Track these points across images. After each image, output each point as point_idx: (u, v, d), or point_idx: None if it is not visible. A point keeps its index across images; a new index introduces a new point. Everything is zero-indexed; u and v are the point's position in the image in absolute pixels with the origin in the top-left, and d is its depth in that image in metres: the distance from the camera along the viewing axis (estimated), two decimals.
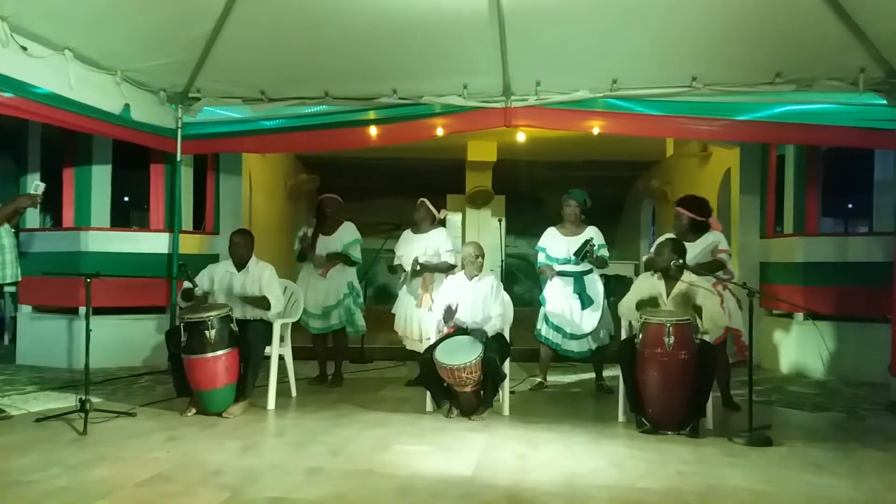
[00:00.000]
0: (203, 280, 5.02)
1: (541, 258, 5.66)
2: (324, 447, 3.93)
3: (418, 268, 5.54)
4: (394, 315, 5.87)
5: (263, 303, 4.97)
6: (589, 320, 5.46)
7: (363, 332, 6.07)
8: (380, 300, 10.84)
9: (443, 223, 6.05)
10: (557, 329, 5.51)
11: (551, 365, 5.88)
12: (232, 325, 4.69)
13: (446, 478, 3.43)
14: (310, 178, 10.77)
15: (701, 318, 4.38)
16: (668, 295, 4.54)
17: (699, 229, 5.04)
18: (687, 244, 4.89)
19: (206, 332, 4.51)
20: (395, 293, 6.01)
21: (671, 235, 4.94)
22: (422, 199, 5.81)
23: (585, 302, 5.45)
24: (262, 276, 5.05)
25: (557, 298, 5.52)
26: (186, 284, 4.87)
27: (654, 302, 4.53)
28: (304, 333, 5.88)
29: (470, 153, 10.41)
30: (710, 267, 4.85)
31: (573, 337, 5.48)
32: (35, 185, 4.76)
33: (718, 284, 4.76)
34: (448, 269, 5.60)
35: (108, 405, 4.72)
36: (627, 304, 4.66)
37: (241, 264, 5.09)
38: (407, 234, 5.85)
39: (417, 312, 5.62)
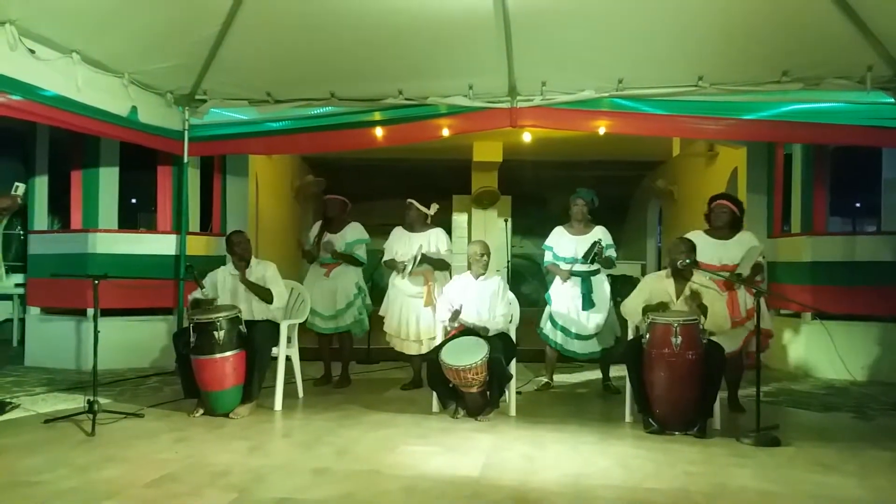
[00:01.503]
0: (207, 291, 5.03)
1: (548, 257, 5.65)
2: (330, 448, 3.94)
3: (420, 257, 5.46)
4: (382, 317, 5.78)
5: (267, 294, 4.99)
6: (594, 321, 5.45)
7: (366, 331, 6.08)
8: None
9: (447, 225, 6.00)
10: (562, 329, 5.50)
11: (557, 365, 5.87)
12: (240, 326, 4.71)
13: (453, 478, 3.43)
14: (316, 181, 10.78)
15: (705, 317, 4.36)
16: (677, 296, 4.53)
17: (735, 226, 5.00)
18: (722, 241, 4.92)
19: (215, 332, 4.53)
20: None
21: (701, 231, 4.98)
22: (409, 200, 5.72)
23: (586, 304, 5.43)
24: (265, 274, 5.08)
25: (563, 298, 5.51)
26: (194, 294, 4.89)
27: (664, 307, 4.51)
28: (309, 334, 5.89)
29: (476, 153, 10.42)
30: (755, 271, 4.80)
31: (578, 337, 5.47)
32: (15, 185, 4.71)
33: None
34: (445, 266, 5.59)
35: (115, 406, 4.75)
36: (633, 306, 4.64)
37: (243, 265, 5.10)
38: (399, 231, 5.76)
39: (415, 311, 5.55)
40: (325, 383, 5.87)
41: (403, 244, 5.64)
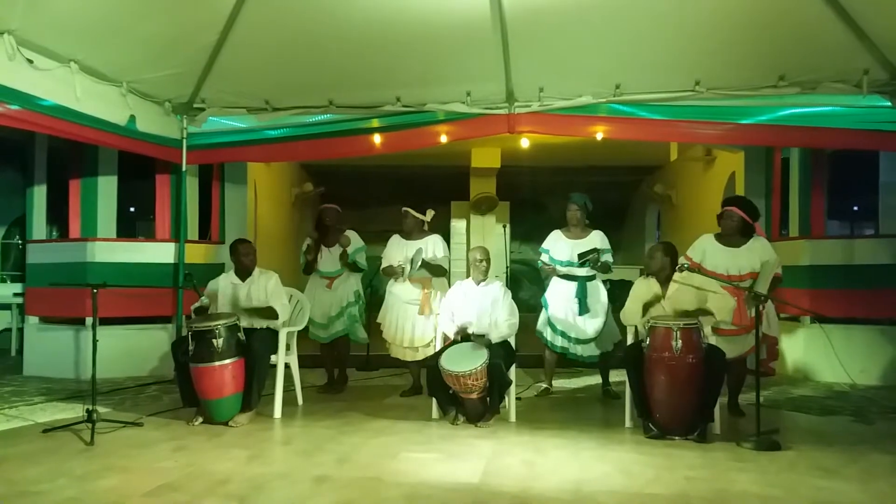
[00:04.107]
0: (206, 298, 5.03)
1: (543, 258, 5.66)
2: (331, 455, 3.93)
3: (420, 261, 5.45)
4: (379, 324, 5.78)
5: (271, 313, 4.98)
6: (592, 325, 5.44)
7: (365, 342, 6.08)
8: None
9: (446, 231, 6.02)
10: (561, 333, 5.50)
11: (557, 371, 5.87)
12: (239, 333, 4.70)
13: (453, 485, 3.42)
14: (316, 191, 10.81)
15: (712, 312, 4.35)
16: (664, 295, 4.55)
17: (747, 233, 4.94)
18: (732, 249, 4.89)
19: (214, 340, 4.53)
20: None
21: (712, 236, 4.98)
22: (404, 209, 5.73)
23: (582, 309, 5.43)
24: (267, 285, 5.06)
25: (560, 302, 5.52)
26: (198, 302, 4.90)
27: (656, 301, 4.55)
28: (309, 341, 5.89)
29: (474, 160, 10.43)
30: (773, 285, 4.74)
31: (578, 341, 5.47)
32: None
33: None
34: (442, 272, 5.60)
35: (114, 415, 4.73)
36: (630, 310, 4.66)
37: (245, 274, 5.10)
38: (396, 238, 5.78)
39: (411, 318, 5.56)
40: (328, 390, 5.86)
41: (401, 252, 5.65)
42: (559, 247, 5.57)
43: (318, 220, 5.94)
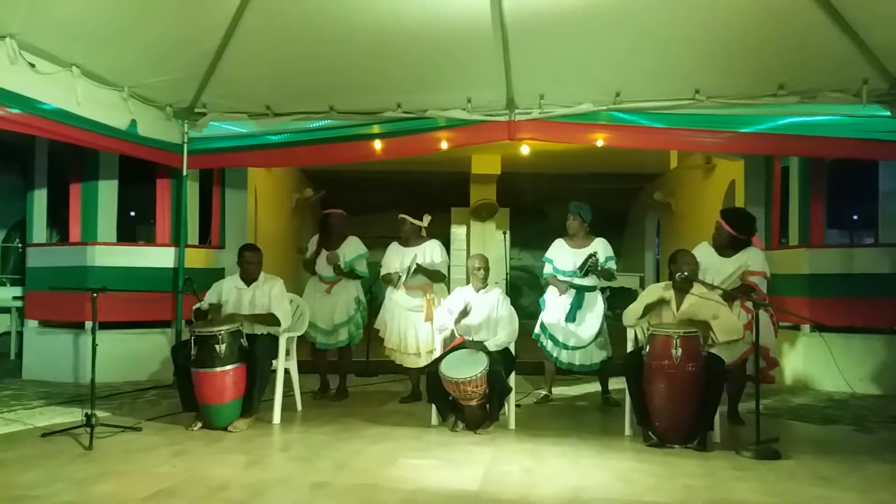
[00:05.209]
0: (211, 297, 5.04)
1: (547, 269, 5.66)
2: (329, 461, 3.92)
3: (414, 267, 5.47)
4: (377, 330, 5.79)
5: (273, 320, 4.97)
6: (584, 331, 5.43)
7: (356, 342, 6.07)
8: None
9: (446, 237, 6.02)
10: (552, 338, 5.50)
11: (557, 378, 5.86)
12: (242, 339, 4.70)
13: (452, 492, 3.42)
14: (316, 197, 10.81)
15: (713, 331, 4.34)
16: (678, 307, 4.53)
17: (739, 245, 4.94)
18: (722, 258, 4.91)
19: (216, 346, 4.52)
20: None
21: (709, 244, 5.01)
22: (401, 215, 5.72)
23: (569, 317, 5.42)
24: (271, 291, 5.06)
25: (555, 308, 5.51)
26: (197, 305, 4.90)
27: (660, 304, 4.53)
28: (308, 347, 5.88)
29: (474, 166, 10.45)
30: (741, 291, 4.76)
31: (566, 347, 5.45)
32: None
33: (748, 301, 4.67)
34: (441, 278, 5.60)
35: (113, 420, 4.73)
36: (632, 310, 4.64)
37: (250, 280, 5.10)
38: (395, 246, 5.78)
39: (414, 324, 5.56)
40: (323, 395, 5.85)
41: (399, 259, 5.66)
42: (561, 256, 5.57)
43: (322, 224, 5.94)
